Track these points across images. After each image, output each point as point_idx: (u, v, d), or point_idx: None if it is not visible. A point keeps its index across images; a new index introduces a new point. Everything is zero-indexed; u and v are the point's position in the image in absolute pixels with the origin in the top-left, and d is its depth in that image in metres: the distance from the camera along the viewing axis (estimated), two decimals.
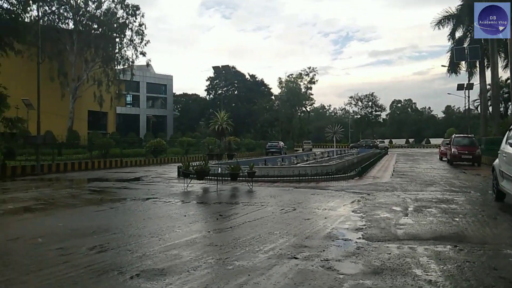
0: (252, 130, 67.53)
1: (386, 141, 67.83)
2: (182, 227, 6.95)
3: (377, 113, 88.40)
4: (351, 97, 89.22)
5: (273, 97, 73.18)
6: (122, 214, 8.55)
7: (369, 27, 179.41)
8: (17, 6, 18.86)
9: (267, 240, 5.88)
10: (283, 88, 69.94)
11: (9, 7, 18.47)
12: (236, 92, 72.03)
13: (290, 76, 71.98)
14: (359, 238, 6.06)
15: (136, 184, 14.94)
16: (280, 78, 71.90)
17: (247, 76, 72.51)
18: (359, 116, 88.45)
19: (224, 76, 71.13)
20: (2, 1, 18.44)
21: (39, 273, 4.36)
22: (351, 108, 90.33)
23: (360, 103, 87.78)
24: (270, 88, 74.19)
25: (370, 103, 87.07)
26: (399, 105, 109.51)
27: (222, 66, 71.23)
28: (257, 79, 73.12)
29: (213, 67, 72.03)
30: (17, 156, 21.85)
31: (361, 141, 63.43)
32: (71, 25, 40.03)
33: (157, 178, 17.31)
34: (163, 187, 13.66)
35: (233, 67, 71.96)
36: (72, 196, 11.67)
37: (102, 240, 5.85)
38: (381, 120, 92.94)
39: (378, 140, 65.94)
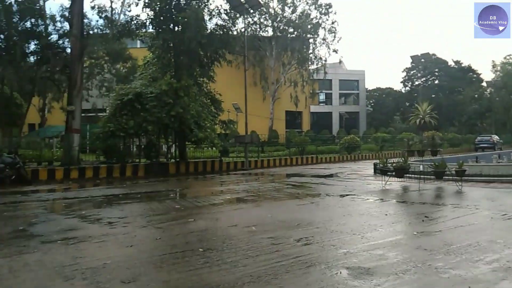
0: (457, 123, 60.27)
1: None
2: (384, 226, 6.66)
3: None
4: None
5: (484, 84, 63.48)
6: (322, 209, 8.79)
7: None
8: (227, 21, 21.77)
9: (488, 249, 5.07)
10: (498, 73, 59.84)
11: (222, 23, 21.48)
12: (436, 82, 65.48)
13: (508, 57, 61.01)
14: None
15: (332, 180, 15.22)
16: (493, 61, 62.05)
17: (450, 63, 65.11)
18: None
19: (423, 65, 65.65)
20: (217, 19, 21.53)
21: (256, 259, 4.83)
22: None
23: None
24: (480, 74, 64.75)
25: None
26: None
27: (421, 54, 66.14)
28: (462, 65, 64.81)
29: (411, 57, 67.45)
30: (229, 153, 25.35)
31: None
32: (270, 32, 43.84)
33: (352, 174, 17.25)
34: (360, 184, 13.50)
35: (434, 54, 65.77)
36: (276, 189, 12.68)
37: (306, 233, 6.11)
38: None
39: None
